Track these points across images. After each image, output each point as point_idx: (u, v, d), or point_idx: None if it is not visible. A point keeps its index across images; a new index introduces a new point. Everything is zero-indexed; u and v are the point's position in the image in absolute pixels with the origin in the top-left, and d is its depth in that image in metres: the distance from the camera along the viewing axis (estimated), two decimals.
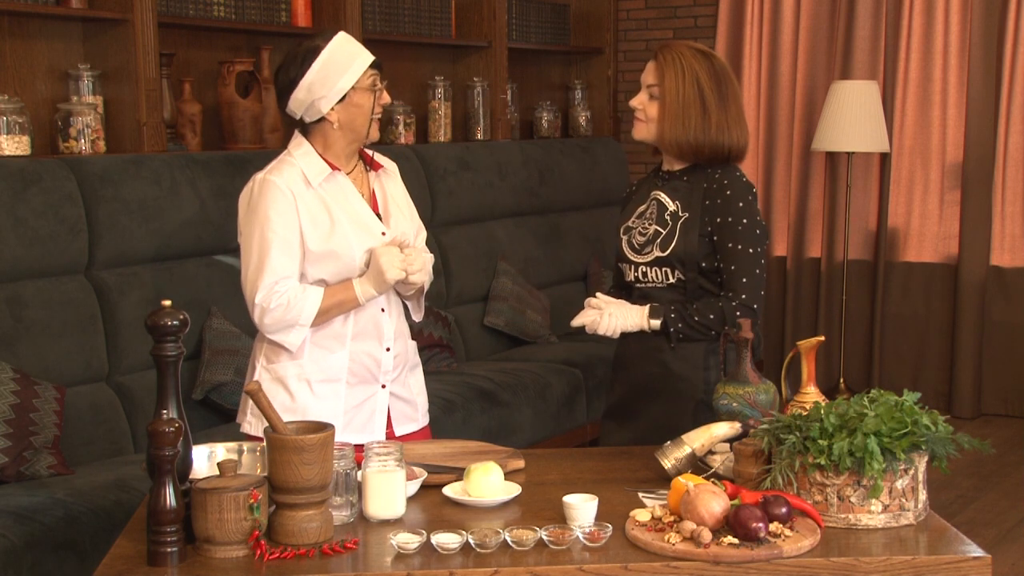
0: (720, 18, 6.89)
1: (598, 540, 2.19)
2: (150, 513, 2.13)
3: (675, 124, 2.96)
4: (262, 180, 2.89)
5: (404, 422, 3.07)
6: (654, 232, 3.00)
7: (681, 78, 2.95)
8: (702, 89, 2.95)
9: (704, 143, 2.96)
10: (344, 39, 2.92)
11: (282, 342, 2.89)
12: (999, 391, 6.44)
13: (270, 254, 2.84)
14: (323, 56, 2.87)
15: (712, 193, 2.96)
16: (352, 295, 2.88)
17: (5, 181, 3.83)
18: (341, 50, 2.89)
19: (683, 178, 3.02)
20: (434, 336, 5.14)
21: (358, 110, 2.91)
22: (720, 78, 2.97)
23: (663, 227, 2.98)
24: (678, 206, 2.98)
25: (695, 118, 2.95)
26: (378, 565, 2.15)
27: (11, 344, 3.76)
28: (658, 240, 2.98)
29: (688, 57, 2.97)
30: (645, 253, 3.01)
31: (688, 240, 2.94)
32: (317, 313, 2.86)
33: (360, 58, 2.90)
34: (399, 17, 5.82)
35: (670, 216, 2.98)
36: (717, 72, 2.98)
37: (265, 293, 2.84)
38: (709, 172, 2.99)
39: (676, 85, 2.95)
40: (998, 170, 6.28)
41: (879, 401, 2.36)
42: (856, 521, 2.28)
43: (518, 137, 6.69)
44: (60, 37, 4.52)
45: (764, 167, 6.88)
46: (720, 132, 2.96)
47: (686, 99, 2.95)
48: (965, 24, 6.30)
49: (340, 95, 2.88)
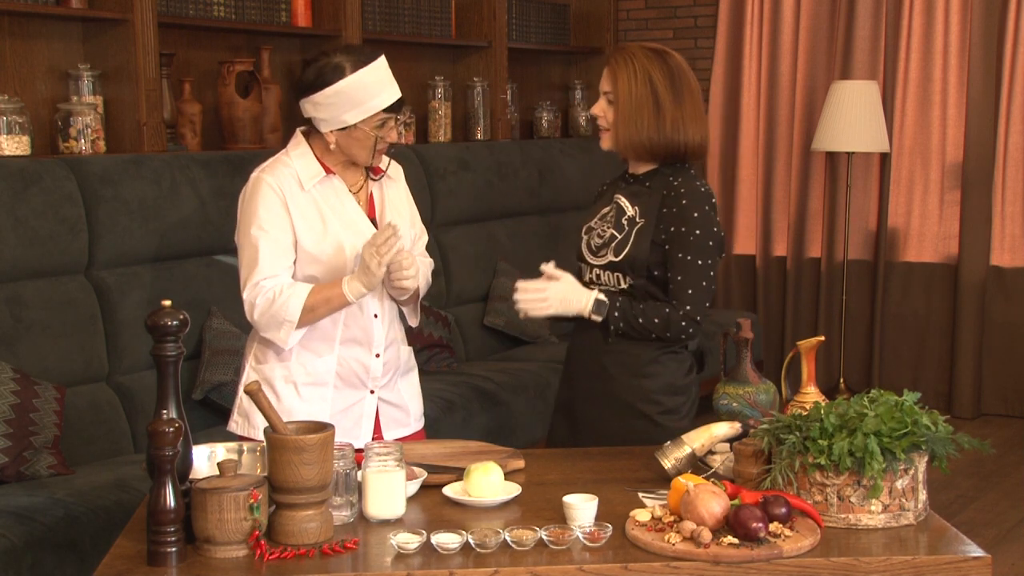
0: (720, 18, 6.90)
1: (598, 540, 2.19)
2: (150, 513, 2.13)
3: (628, 125, 2.92)
4: (255, 178, 2.89)
5: (394, 427, 3.05)
6: (610, 236, 2.97)
7: (634, 79, 2.91)
8: (655, 87, 2.91)
9: (659, 142, 2.92)
10: (372, 71, 2.82)
11: (274, 340, 2.87)
12: (999, 391, 6.44)
13: (259, 251, 2.83)
14: (341, 84, 2.80)
15: (669, 201, 2.92)
16: (339, 291, 2.81)
17: (5, 181, 3.83)
18: (361, 84, 2.80)
19: (645, 183, 2.98)
20: (434, 336, 5.14)
21: (357, 143, 2.87)
22: (675, 75, 2.93)
23: (619, 231, 2.95)
24: (636, 212, 2.95)
25: (648, 117, 2.91)
26: (378, 565, 2.15)
27: (11, 344, 3.76)
28: (613, 244, 2.95)
29: (640, 57, 2.93)
30: (600, 256, 2.99)
31: (640, 247, 2.91)
32: (303, 309, 2.81)
33: (377, 99, 2.82)
34: (399, 17, 5.82)
35: (627, 221, 2.95)
36: (672, 69, 2.93)
37: (254, 291, 2.84)
38: (670, 179, 2.95)
39: (628, 86, 2.92)
40: (998, 170, 6.28)
41: (879, 401, 2.36)
42: (856, 521, 2.28)
43: (518, 137, 6.69)
44: (60, 37, 4.52)
45: (764, 167, 6.88)
46: (675, 130, 2.92)
47: (639, 99, 2.91)
48: (965, 24, 6.31)
49: (342, 125, 2.85)
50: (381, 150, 2.90)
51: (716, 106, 6.98)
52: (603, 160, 6.75)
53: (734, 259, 7.08)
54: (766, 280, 6.97)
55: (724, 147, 7.00)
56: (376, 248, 2.76)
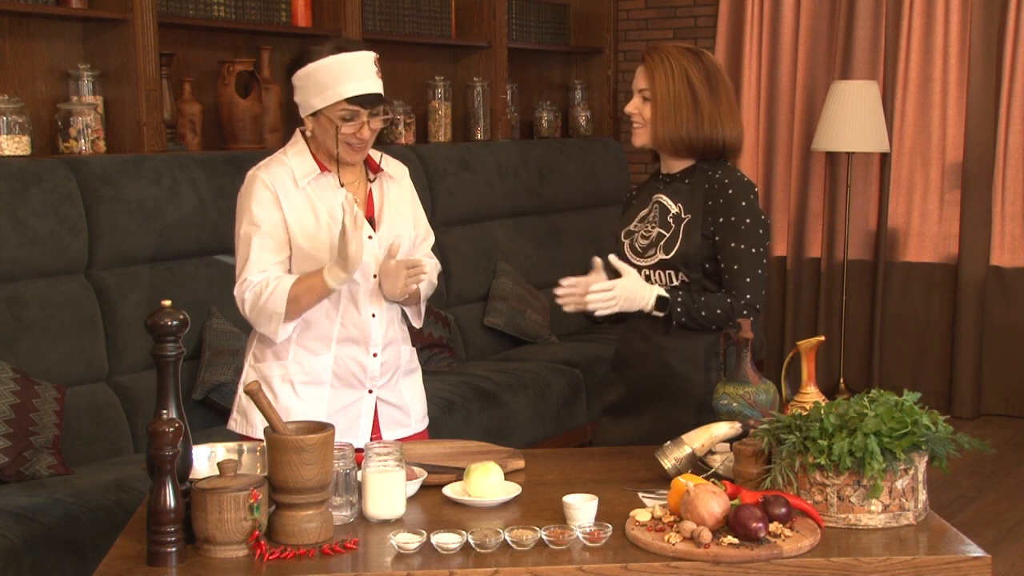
0: (720, 18, 6.89)
1: (598, 540, 2.19)
2: (150, 513, 2.13)
3: (667, 122, 2.96)
4: (250, 175, 2.92)
5: (393, 427, 3.05)
6: (657, 235, 2.99)
7: (671, 77, 2.95)
8: (693, 85, 2.95)
9: (698, 138, 2.96)
10: (345, 59, 2.82)
11: (266, 333, 2.88)
12: (999, 391, 6.44)
13: (251, 248, 2.85)
14: (312, 67, 2.83)
15: (714, 193, 2.96)
16: (320, 279, 2.79)
17: (5, 181, 3.83)
18: (329, 70, 2.81)
19: (684, 180, 3.01)
20: (434, 336, 5.14)
21: (324, 132, 2.88)
22: (710, 73, 2.98)
23: (666, 230, 2.98)
24: (680, 208, 2.98)
25: (687, 113, 2.95)
26: (378, 565, 2.15)
27: (11, 344, 3.76)
28: (661, 243, 2.98)
29: (677, 56, 2.97)
30: (648, 256, 3.00)
31: (691, 242, 2.94)
32: (289, 299, 2.81)
33: (342, 87, 2.82)
34: (399, 17, 5.82)
35: (673, 218, 2.98)
36: (707, 68, 2.98)
37: (241, 286, 2.85)
38: (710, 174, 2.99)
39: (667, 84, 2.96)
40: (998, 170, 6.28)
41: (879, 401, 2.36)
42: (856, 521, 2.28)
43: (518, 137, 6.69)
44: (60, 37, 4.52)
45: (764, 167, 6.88)
46: (713, 126, 2.96)
47: (677, 97, 2.95)
48: (965, 24, 6.30)
49: (310, 111, 2.88)
50: (353, 146, 2.88)
51: None
52: (603, 160, 6.78)
53: None
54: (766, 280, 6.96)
55: None
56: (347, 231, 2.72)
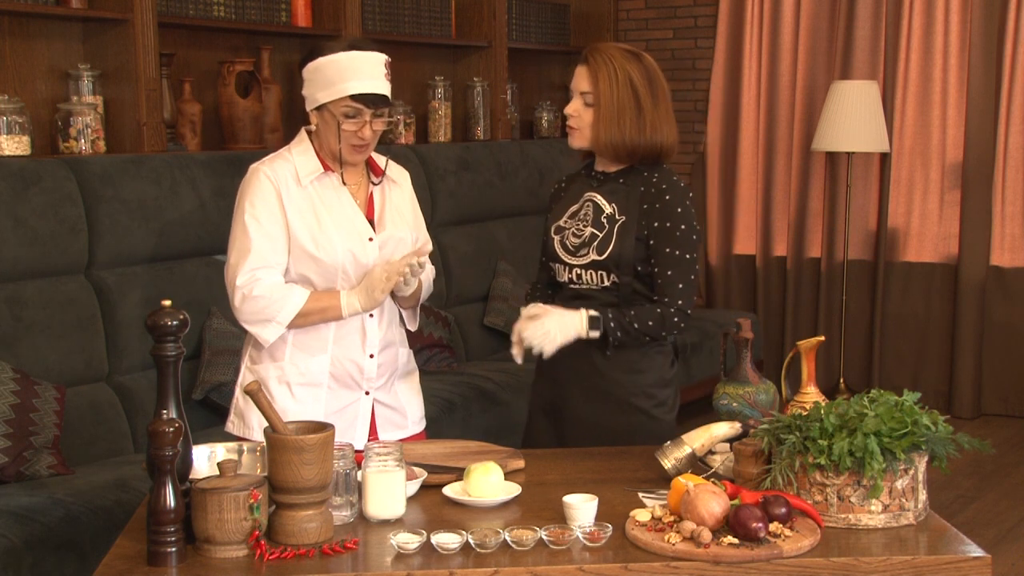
0: (720, 18, 6.90)
1: (598, 540, 2.19)
2: (150, 513, 2.13)
3: (611, 127, 2.93)
4: (253, 169, 2.91)
5: (390, 429, 3.04)
6: (590, 235, 2.96)
7: (615, 82, 2.92)
8: (636, 90, 2.92)
9: (640, 144, 2.93)
10: (355, 56, 2.83)
11: (256, 335, 2.87)
12: (999, 391, 6.44)
13: (253, 240, 2.83)
14: (321, 60, 2.84)
15: (650, 197, 2.93)
16: (336, 304, 2.85)
17: (5, 181, 3.83)
18: (338, 65, 2.82)
19: (619, 180, 2.99)
20: (434, 336, 5.14)
21: (327, 127, 2.88)
22: (651, 77, 2.95)
23: (599, 230, 2.95)
24: (615, 209, 2.95)
25: (630, 120, 2.92)
26: (378, 565, 2.15)
27: (11, 344, 3.76)
28: (595, 243, 2.95)
29: (619, 59, 2.93)
30: (580, 255, 2.97)
31: (625, 244, 2.91)
32: (297, 314, 2.83)
33: (348, 84, 2.82)
34: (399, 17, 5.82)
35: (607, 219, 2.95)
36: (648, 72, 2.95)
37: (247, 278, 2.82)
38: (646, 175, 2.96)
39: (610, 89, 2.92)
40: (998, 170, 6.28)
41: (879, 401, 2.36)
42: (856, 521, 2.28)
43: (518, 137, 6.69)
44: (60, 37, 4.52)
45: (764, 167, 6.88)
46: (654, 132, 2.93)
47: (621, 103, 2.92)
48: (965, 24, 6.31)
49: (315, 104, 2.88)
50: (355, 145, 2.88)
51: (716, 106, 6.98)
52: None
53: (734, 259, 7.08)
54: (766, 280, 6.97)
55: (724, 147, 7.01)
56: (388, 274, 2.79)
